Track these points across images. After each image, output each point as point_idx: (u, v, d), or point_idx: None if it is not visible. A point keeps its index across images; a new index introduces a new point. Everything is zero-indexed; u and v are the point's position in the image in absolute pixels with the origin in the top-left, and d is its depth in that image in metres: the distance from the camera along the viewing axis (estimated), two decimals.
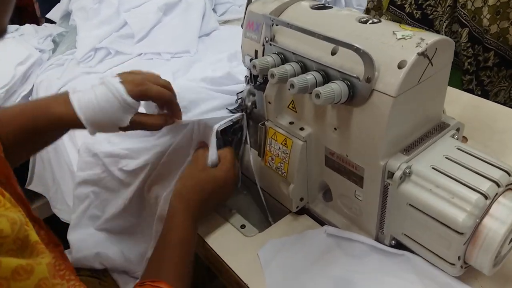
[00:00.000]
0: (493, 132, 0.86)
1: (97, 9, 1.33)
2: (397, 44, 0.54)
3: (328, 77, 0.58)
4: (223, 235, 0.72)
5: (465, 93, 1.01)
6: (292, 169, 0.67)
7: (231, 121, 0.77)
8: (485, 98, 1.06)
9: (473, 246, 0.54)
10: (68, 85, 1.16)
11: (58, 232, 0.59)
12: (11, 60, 1.25)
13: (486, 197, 0.52)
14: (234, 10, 1.55)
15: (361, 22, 0.60)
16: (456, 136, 0.64)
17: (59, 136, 0.70)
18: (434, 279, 0.58)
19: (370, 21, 0.60)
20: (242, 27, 0.74)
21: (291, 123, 0.68)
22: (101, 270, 0.81)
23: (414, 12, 1.19)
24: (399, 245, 0.63)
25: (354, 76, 0.54)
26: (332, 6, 0.68)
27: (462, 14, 1.08)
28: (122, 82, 0.63)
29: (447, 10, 1.12)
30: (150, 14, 1.29)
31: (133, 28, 1.28)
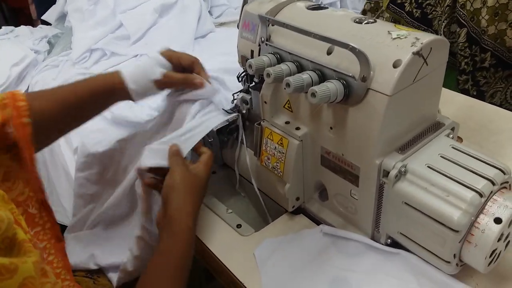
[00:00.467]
0: (488, 132, 0.87)
1: (92, 10, 1.32)
2: (392, 43, 0.54)
3: (323, 76, 0.58)
4: (219, 235, 0.72)
5: (460, 94, 1.02)
6: (288, 168, 0.68)
7: (227, 121, 0.77)
8: (480, 98, 1.07)
9: (468, 244, 0.54)
10: None
11: None
12: (6, 61, 1.25)
13: (481, 195, 0.53)
14: (230, 13, 1.56)
15: (356, 22, 0.61)
16: (451, 136, 0.64)
17: (102, 107, 0.76)
18: (430, 277, 0.58)
19: (365, 21, 0.60)
20: (238, 27, 0.74)
21: (287, 122, 0.68)
22: (95, 270, 0.80)
23: (414, 11, 1.20)
24: (394, 244, 0.63)
25: (350, 75, 0.55)
26: (328, 7, 0.69)
27: (461, 14, 1.09)
28: (156, 51, 0.76)
29: (446, 10, 1.13)
30: (146, 15, 1.29)
31: (129, 30, 1.28)
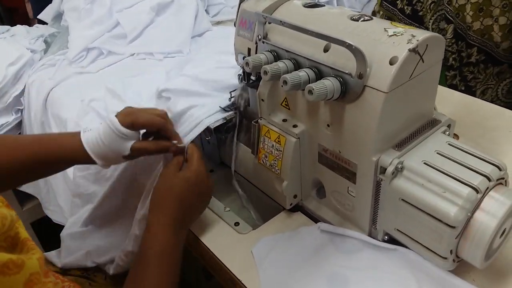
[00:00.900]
0: (484, 130, 0.87)
1: (89, 9, 1.32)
2: (388, 40, 0.54)
3: (320, 73, 0.58)
4: (217, 233, 0.72)
5: (457, 92, 1.02)
6: (286, 166, 0.68)
7: (224, 119, 0.77)
8: (469, 93, 1.08)
9: (465, 240, 0.54)
10: (60, 86, 1.15)
11: (49, 233, 0.58)
12: (2, 61, 1.24)
13: (477, 191, 0.53)
14: (226, 11, 1.56)
15: (353, 19, 0.61)
16: (447, 132, 0.65)
17: (66, 168, 0.75)
18: (427, 273, 0.59)
19: (361, 19, 0.60)
20: (235, 25, 0.74)
21: (284, 120, 0.68)
22: (91, 270, 0.80)
23: (405, 8, 1.21)
24: (392, 240, 0.63)
25: (346, 72, 0.55)
26: (324, 5, 0.69)
27: (448, 10, 1.10)
28: (116, 115, 0.68)
29: (431, 7, 1.14)
30: (143, 14, 1.29)
31: (126, 28, 1.28)
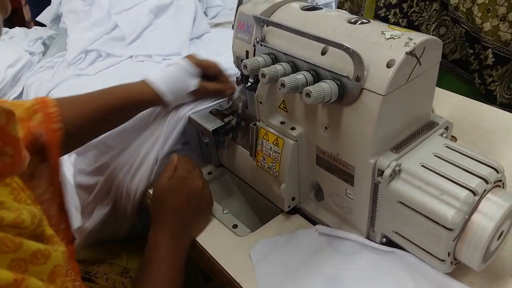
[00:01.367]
0: (482, 132, 0.87)
1: (88, 11, 1.32)
2: (386, 43, 0.55)
3: (318, 76, 0.59)
4: (215, 235, 0.72)
5: (454, 94, 1.02)
6: (284, 168, 0.68)
7: (222, 121, 0.77)
8: (490, 98, 1.07)
9: (463, 242, 0.54)
10: (59, 88, 1.15)
11: None
12: (0, 63, 1.25)
13: (474, 194, 0.53)
14: (225, 13, 1.56)
15: (350, 22, 0.61)
16: (445, 135, 0.65)
17: (135, 113, 0.80)
18: (425, 276, 0.59)
19: (359, 22, 0.61)
20: (233, 28, 0.74)
21: (282, 123, 0.68)
22: (93, 273, 0.80)
23: (399, 21, 1.21)
24: (390, 243, 0.63)
25: (344, 75, 0.55)
26: (322, 8, 0.69)
27: (457, 16, 1.09)
28: (183, 58, 0.81)
29: (433, 14, 1.14)
30: (141, 16, 1.29)
31: (124, 31, 1.28)
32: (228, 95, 0.81)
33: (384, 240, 0.64)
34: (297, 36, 0.59)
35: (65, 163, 1.02)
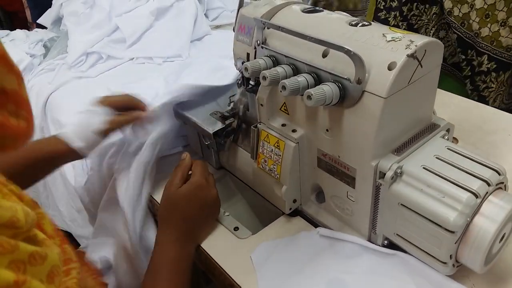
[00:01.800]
0: (484, 133, 0.87)
1: (88, 14, 1.33)
2: (387, 46, 0.55)
3: (319, 79, 0.58)
4: (217, 238, 0.72)
5: (456, 96, 1.02)
6: (285, 171, 0.68)
7: (223, 123, 0.77)
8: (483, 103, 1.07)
9: (465, 245, 0.54)
10: (60, 90, 1.16)
11: None
12: None
13: (476, 196, 0.53)
14: (225, 15, 1.56)
15: (351, 25, 0.61)
16: (446, 137, 0.65)
17: (51, 169, 0.76)
18: (427, 278, 0.59)
19: (360, 24, 0.61)
20: (234, 30, 0.74)
21: (283, 125, 0.68)
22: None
23: (399, 24, 1.21)
24: (391, 245, 0.63)
25: (345, 77, 0.55)
26: (323, 10, 0.69)
27: (449, 21, 1.09)
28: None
29: (433, 17, 1.14)
30: (142, 18, 1.30)
31: (125, 33, 1.28)
32: (142, 118, 0.78)
33: (385, 242, 0.64)
34: (298, 38, 0.59)
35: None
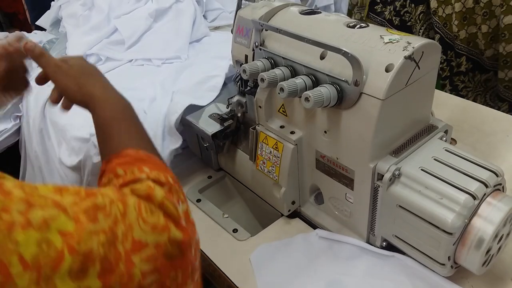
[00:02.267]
0: (482, 134, 0.87)
1: (87, 15, 1.32)
2: (384, 48, 0.55)
3: (317, 81, 0.59)
4: (216, 240, 0.72)
5: (454, 97, 1.02)
6: (284, 172, 0.68)
7: (222, 125, 0.77)
8: None
9: (463, 246, 0.54)
10: None
11: None
12: None
13: (474, 198, 0.53)
14: (224, 16, 1.56)
15: (349, 26, 0.61)
16: (444, 138, 0.65)
17: None
18: (425, 280, 0.59)
19: (358, 26, 0.61)
20: (232, 32, 0.74)
21: (281, 127, 0.68)
22: None
23: (393, 18, 1.21)
24: (390, 247, 0.63)
25: (343, 79, 0.55)
26: (321, 12, 0.69)
27: (434, 21, 1.10)
28: None
29: (421, 17, 1.14)
30: (141, 20, 1.29)
31: (124, 35, 1.28)
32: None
33: (384, 244, 0.64)
34: (296, 40, 0.59)
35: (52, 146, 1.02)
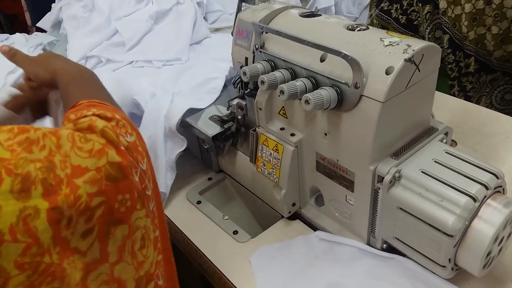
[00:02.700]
0: (482, 136, 0.87)
1: (88, 17, 1.33)
2: (384, 50, 0.55)
3: (317, 83, 0.59)
4: (216, 241, 0.72)
5: (454, 98, 1.02)
6: (284, 174, 0.68)
7: (222, 127, 0.77)
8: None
9: (463, 248, 0.54)
10: None
11: None
12: (1, 69, 1.25)
13: (474, 200, 0.53)
14: (225, 18, 1.56)
15: (349, 29, 0.61)
16: (444, 140, 0.65)
17: None
18: (426, 282, 0.59)
19: (358, 28, 0.61)
20: (232, 34, 0.74)
21: (282, 129, 0.68)
22: None
23: (400, 17, 1.20)
24: (390, 249, 0.63)
25: (343, 82, 0.55)
26: (321, 14, 0.69)
27: (443, 21, 1.10)
28: None
29: (427, 17, 1.14)
30: (141, 22, 1.30)
31: (124, 36, 1.28)
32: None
33: (384, 246, 0.64)
34: (296, 43, 0.59)
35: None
